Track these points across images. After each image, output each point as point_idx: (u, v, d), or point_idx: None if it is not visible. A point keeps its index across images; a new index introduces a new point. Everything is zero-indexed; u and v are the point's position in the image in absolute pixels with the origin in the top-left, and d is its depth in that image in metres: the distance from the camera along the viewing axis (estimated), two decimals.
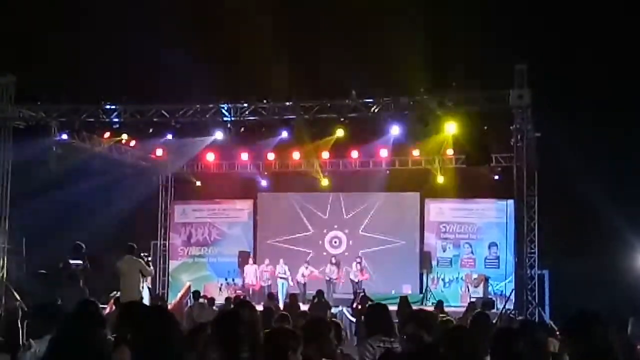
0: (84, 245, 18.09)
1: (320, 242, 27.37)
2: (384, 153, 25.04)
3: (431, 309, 16.87)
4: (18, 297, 19.07)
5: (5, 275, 21.13)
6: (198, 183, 27.94)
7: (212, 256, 28.15)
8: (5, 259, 21.45)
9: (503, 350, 4.86)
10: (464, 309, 19.45)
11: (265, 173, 27.30)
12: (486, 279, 24.32)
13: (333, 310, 19.61)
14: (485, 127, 19.75)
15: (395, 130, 21.37)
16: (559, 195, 21.44)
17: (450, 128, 20.51)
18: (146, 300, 17.83)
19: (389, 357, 5.71)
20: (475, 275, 24.87)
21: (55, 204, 22.06)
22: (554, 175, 21.27)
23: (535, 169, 20.67)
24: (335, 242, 27.36)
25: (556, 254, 21.76)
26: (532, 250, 20.59)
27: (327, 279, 24.70)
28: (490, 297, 23.43)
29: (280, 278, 25.25)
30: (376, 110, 20.39)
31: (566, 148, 20.85)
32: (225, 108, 21.17)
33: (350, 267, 25.24)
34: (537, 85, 19.24)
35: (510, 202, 22.96)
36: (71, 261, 17.94)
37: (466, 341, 5.54)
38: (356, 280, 24.65)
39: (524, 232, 20.30)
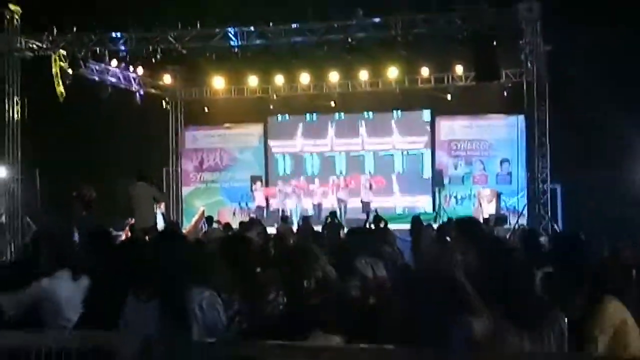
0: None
1: (331, 163, 27.36)
2: (393, 72, 24.85)
3: None
4: (35, 228, 19.27)
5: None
6: (207, 109, 27.85)
7: (225, 181, 28.27)
8: (20, 191, 21.65)
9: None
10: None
11: (275, 96, 27.19)
12: (498, 195, 24.37)
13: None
14: (495, 42, 19.50)
15: (404, 48, 21.15)
16: (570, 108, 21.27)
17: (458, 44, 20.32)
18: (160, 226, 17.99)
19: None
20: (487, 192, 24.91)
21: (65, 133, 22.12)
22: (565, 89, 21.07)
23: (545, 83, 20.49)
24: (345, 162, 27.34)
25: (568, 168, 21.70)
26: (544, 165, 20.55)
27: (338, 199, 24.81)
28: (503, 212, 23.56)
29: (294, 197, 25.38)
30: (384, 30, 20.23)
31: (577, 61, 20.62)
32: (232, 32, 21.03)
33: (361, 188, 25.30)
34: None
35: (521, 117, 22.97)
36: (84, 189, 18.05)
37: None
38: (367, 201, 24.74)
39: (535, 147, 20.27)
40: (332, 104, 26.65)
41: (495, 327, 4.43)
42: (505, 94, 24.71)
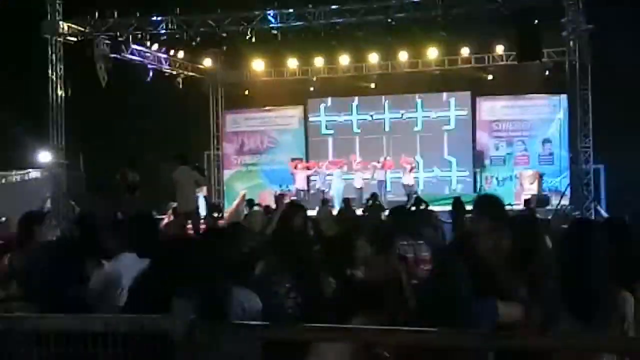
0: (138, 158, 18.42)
1: (372, 145, 27.28)
2: (433, 53, 24.73)
3: None
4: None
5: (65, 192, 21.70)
6: (247, 92, 27.93)
7: (265, 164, 28.34)
8: (65, 175, 21.96)
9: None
10: (520, 207, 19.44)
11: (314, 78, 27.19)
12: (540, 176, 24.17)
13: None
14: (536, 22, 19.31)
15: (444, 29, 21.02)
16: (613, 88, 20.99)
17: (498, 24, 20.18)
18: (202, 210, 18.16)
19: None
20: (529, 173, 24.72)
21: (108, 118, 22.37)
22: (607, 68, 20.79)
23: (588, 63, 20.27)
24: (386, 144, 27.24)
25: (611, 148, 21.43)
26: (587, 145, 20.38)
27: (378, 181, 24.77)
28: (545, 193, 23.38)
29: (335, 180, 25.40)
30: (424, 10, 20.14)
31: (620, 40, 20.32)
32: (272, 14, 21.07)
33: (401, 170, 25.24)
34: None
35: (564, 97, 22.73)
36: (127, 173, 18.27)
37: None
38: (408, 184, 24.68)
39: (577, 127, 20.10)
40: (372, 85, 26.62)
41: (533, 312, 4.44)
42: (546, 73, 24.48)
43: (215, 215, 20.41)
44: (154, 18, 21.50)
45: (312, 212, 15.41)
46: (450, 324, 3.67)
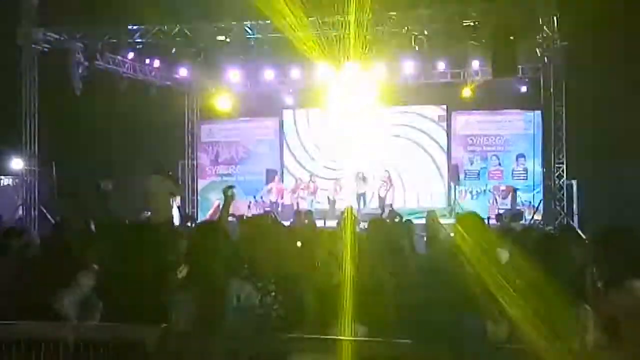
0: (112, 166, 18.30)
1: (347, 157, 27.28)
2: (408, 67, 24.80)
3: None
4: (52, 220, 19.37)
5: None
6: (223, 102, 27.86)
7: (240, 174, 28.23)
8: (37, 182, 21.78)
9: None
10: (493, 221, 19.53)
11: (290, 90, 27.19)
12: (514, 190, 24.32)
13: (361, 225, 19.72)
14: (512, 37, 19.43)
15: (419, 43, 21.09)
16: (587, 104, 21.17)
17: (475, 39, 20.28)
18: (176, 220, 18.03)
19: None
20: (503, 187, 24.85)
21: (81, 125, 22.22)
22: (582, 84, 20.96)
23: (562, 79, 20.42)
24: (361, 157, 27.22)
25: (585, 164, 21.61)
26: (560, 161, 20.51)
27: (357, 193, 24.77)
28: (518, 208, 23.51)
29: (308, 194, 25.40)
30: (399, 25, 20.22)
31: (594, 56, 20.50)
32: (249, 25, 21.06)
33: (377, 182, 25.28)
34: None
35: (538, 112, 22.87)
36: (101, 182, 18.12)
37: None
38: (382, 196, 24.73)
39: (551, 143, 20.22)
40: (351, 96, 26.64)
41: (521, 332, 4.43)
42: (521, 89, 24.66)
43: (189, 225, 20.30)
44: (130, 27, 21.41)
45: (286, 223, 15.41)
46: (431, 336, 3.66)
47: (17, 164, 23.04)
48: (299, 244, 8.11)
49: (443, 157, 26.74)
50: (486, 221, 18.78)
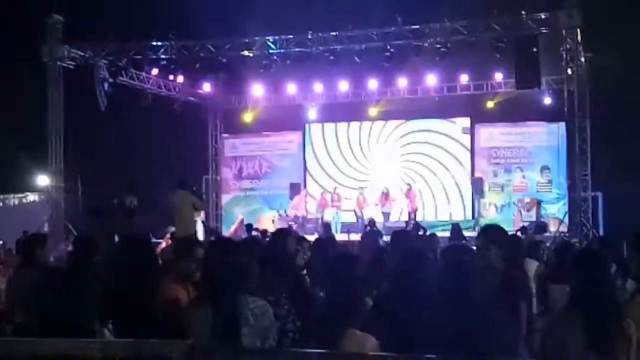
0: (137, 181, 18.39)
1: (371, 171, 27.33)
2: (431, 80, 24.79)
3: None
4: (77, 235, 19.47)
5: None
6: (247, 117, 27.99)
7: (264, 189, 28.32)
8: (62, 198, 21.93)
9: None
10: (518, 234, 19.40)
11: (313, 104, 27.28)
12: (539, 203, 24.19)
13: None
14: (535, 49, 19.38)
15: (442, 56, 21.08)
16: (611, 116, 21.05)
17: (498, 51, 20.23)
18: (200, 234, 18.09)
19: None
20: (527, 200, 24.73)
21: (106, 141, 22.39)
22: (606, 96, 20.86)
23: (586, 91, 20.34)
24: (385, 171, 27.23)
25: (610, 176, 21.47)
26: (585, 173, 20.41)
27: (382, 211, 24.71)
28: (543, 220, 23.37)
29: (333, 207, 25.38)
30: (422, 37, 20.22)
31: (618, 68, 20.40)
32: (272, 40, 21.14)
33: (401, 196, 25.26)
34: (587, 5, 18.84)
35: (562, 124, 22.72)
36: (126, 197, 18.21)
37: None
38: (406, 209, 24.69)
39: (576, 155, 20.11)
40: (371, 111, 26.70)
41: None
42: (545, 101, 24.57)
43: (213, 239, 20.34)
44: (154, 43, 21.55)
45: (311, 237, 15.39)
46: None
47: (42, 180, 23.24)
48: None
49: (467, 170, 26.65)
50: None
